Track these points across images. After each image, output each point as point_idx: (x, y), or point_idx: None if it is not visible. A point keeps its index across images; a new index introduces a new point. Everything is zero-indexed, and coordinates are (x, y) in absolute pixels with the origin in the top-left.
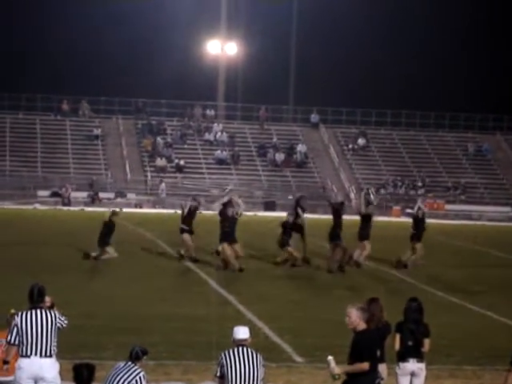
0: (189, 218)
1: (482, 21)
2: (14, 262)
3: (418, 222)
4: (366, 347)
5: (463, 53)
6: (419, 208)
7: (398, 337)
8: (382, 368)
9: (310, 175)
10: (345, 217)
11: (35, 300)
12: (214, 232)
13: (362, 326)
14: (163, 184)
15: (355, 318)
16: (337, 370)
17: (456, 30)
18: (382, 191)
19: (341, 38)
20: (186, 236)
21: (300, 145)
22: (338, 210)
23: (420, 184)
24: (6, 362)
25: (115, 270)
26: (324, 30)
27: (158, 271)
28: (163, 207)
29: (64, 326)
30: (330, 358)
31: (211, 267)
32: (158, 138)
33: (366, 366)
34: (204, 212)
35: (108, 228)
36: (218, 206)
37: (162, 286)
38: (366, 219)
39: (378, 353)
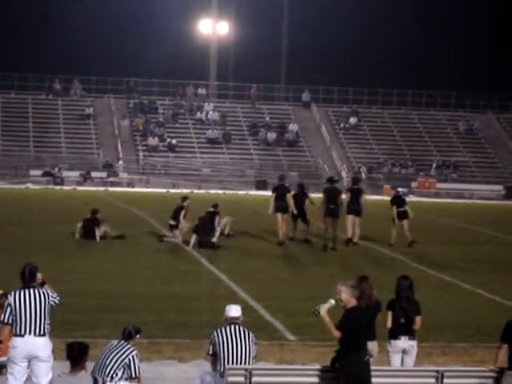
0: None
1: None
2: (6, 242)
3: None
4: (348, 323)
5: (454, 31)
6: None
7: (389, 314)
8: (373, 345)
9: (302, 154)
10: None
11: (27, 280)
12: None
13: (352, 303)
14: (120, 161)
15: (346, 295)
16: (323, 310)
17: (447, 8)
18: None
19: (333, 17)
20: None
21: (292, 124)
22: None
23: (410, 163)
24: None
25: (107, 248)
26: (316, 9)
27: (151, 250)
28: (120, 185)
29: (57, 302)
30: (332, 301)
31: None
32: (124, 121)
33: (337, 335)
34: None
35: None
36: None
37: (154, 265)
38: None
39: (367, 330)
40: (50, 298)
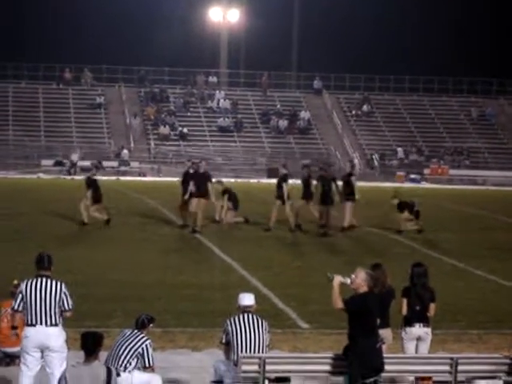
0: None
1: None
2: (18, 232)
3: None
4: (355, 300)
5: (466, 17)
6: None
7: (405, 302)
8: (387, 333)
9: (314, 142)
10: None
11: (45, 266)
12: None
13: (363, 288)
14: (125, 150)
15: (360, 280)
16: (336, 280)
17: None
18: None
19: (344, 4)
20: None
21: (303, 111)
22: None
23: (423, 149)
24: (13, 328)
25: (119, 238)
26: None
27: (162, 239)
28: (131, 174)
29: (69, 308)
30: (348, 280)
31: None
32: (135, 119)
33: (339, 305)
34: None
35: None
36: None
37: (166, 254)
38: None
39: (380, 317)
40: (64, 294)
